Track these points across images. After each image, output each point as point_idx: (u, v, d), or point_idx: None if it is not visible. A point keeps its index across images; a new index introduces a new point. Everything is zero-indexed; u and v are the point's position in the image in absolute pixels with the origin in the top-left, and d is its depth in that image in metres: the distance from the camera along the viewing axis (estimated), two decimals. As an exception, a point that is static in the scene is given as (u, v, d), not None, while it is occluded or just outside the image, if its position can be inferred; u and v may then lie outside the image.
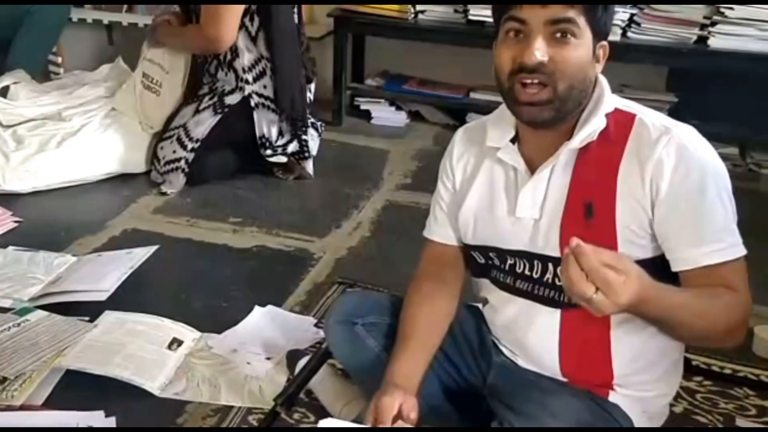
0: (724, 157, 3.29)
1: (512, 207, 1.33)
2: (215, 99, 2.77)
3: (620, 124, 1.26)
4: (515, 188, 1.33)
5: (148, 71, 2.87)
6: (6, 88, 2.91)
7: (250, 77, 2.74)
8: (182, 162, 2.75)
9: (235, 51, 2.72)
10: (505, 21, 1.23)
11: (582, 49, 1.21)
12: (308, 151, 2.89)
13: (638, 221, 1.24)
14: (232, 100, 2.76)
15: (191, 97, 2.85)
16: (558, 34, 1.20)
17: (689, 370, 1.69)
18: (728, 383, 1.81)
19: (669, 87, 3.32)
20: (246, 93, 2.75)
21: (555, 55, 1.20)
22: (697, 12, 2.98)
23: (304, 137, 2.87)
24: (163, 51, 2.85)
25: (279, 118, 2.81)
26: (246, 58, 2.73)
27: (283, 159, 2.87)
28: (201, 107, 2.78)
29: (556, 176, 1.29)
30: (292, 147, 2.86)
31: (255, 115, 2.76)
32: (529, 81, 1.21)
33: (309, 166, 2.93)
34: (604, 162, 1.25)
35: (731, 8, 2.91)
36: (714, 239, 1.20)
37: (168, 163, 2.76)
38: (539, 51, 1.19)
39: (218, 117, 2.74)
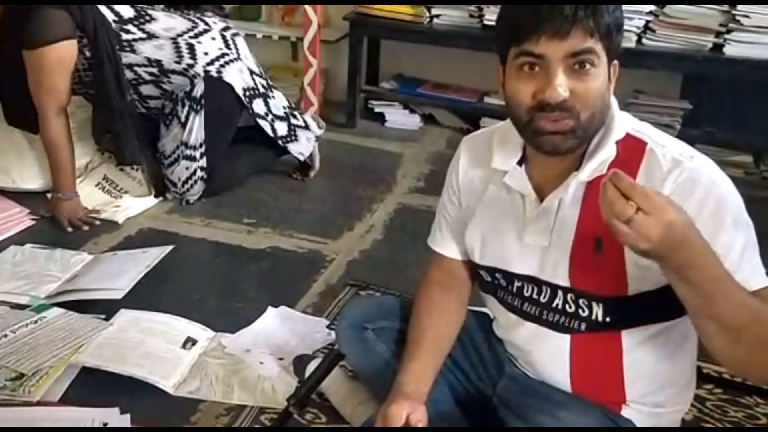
0: (738, 165, 3.31)
1: (520, 233, 1.30)
2: (188, 102, 2.63)
3: (631, 155, 1.21)
4: (523, 215, 1.30)
5: (111, 176, 2.78)
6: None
7: (189, 60, 2.60)
8: (199, 171, 2.69)
9: (154, 63, 2.57)
10: (518, 55, 1.16)
11: (601, 77, 1.16)
12: (295, 137, 2.86)
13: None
14: (199, 90, 2.61)
15: (164, 119, 2.70)
16: (577, 66, 1.13)
17: (700, 378, 1.68)
18: (738, 391, 1.81)
19: (683, 94, 3.31)
20: (202, 74, 2.61)
21: (576, 87, 1.14)
22: (713, 19, 2.97)
23: (294, 121, 2.86)
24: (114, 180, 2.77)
25: (242, 65, 2.73)
26: (167, 55, 2.58)
27: (282, 130, 2.82)
28: (183, 119, 2.64)
29: (564, 208, 1.25)
30: (282, 130, 2.83)
31: (226, 77, 2.65)
32: (551, 118, 1.15)
33: (298, 153, 2.90)
34: None
35: (747, 16, 2.91)
36: (732, 272, 1.10)
37: (186, 181, 2.70)
38: (561, 87, 1.13)
39: (202, 112, 2.63)
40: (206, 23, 2.73)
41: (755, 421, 1.73)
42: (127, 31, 2.56)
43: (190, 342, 1.91)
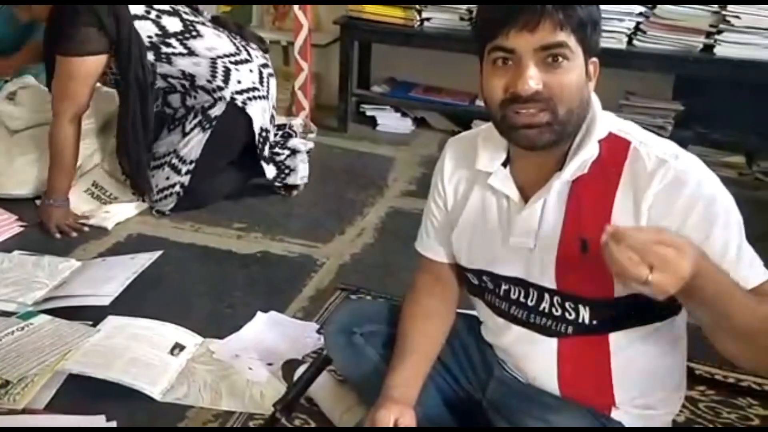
0: (731, 166, 3.30)
1: (506, 235, 1.29)
2: (199, 116, 2.62)
3: (614, 154, 1.19)
4: (508, 216, 1.29)
5: (101, 182, 2.79)
6: (14, 93, 2.92)
7: (220, 83, 2.60)
8: (177, 186, 2.65)
9: (188, 76, 2.58)
10: (490, 51, 1.16)
11: (576, 71, 1.15)
12: (288, 170, 2.82)
13: None
14: (217, 111, 2.61)
15: (171, 122, 2.71)
16: (549, 59, 1.13)
17: (692, 379, 1.68)
18: (731, 393, 1.80)
19: (675, 95, 3.30)
20: (228, 99, 2.61)
21: (549, 80, 1.13)
22: (703, 20, 2.97)
23: (279, 159, 2.81)
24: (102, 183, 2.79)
25: (267, 105, 2.73)
26: (202, 71, 2.58)
27: (270, 173, 2.78)
28: (187, 129, 2.63)
29: (549, 208, 1.24)
30: (270, 173, 2.77)
31: (249, 110, 2.64)
32: (524, 111, 1.15)
33: (300, 179, 2.85)
34: (598, 197, 1.19)
35: (737, 16, 2.91)
36: (731, 270, 1.10)
37: (161, 190, 2.67)
38: (533, 80, 1.13)
39: (208, 132, 2.61)
40: (249, 54, 2.72)
41: (748, 422, 1.72)
42: (168, 45, 2.54)
43: (177, 348, 1.89)
